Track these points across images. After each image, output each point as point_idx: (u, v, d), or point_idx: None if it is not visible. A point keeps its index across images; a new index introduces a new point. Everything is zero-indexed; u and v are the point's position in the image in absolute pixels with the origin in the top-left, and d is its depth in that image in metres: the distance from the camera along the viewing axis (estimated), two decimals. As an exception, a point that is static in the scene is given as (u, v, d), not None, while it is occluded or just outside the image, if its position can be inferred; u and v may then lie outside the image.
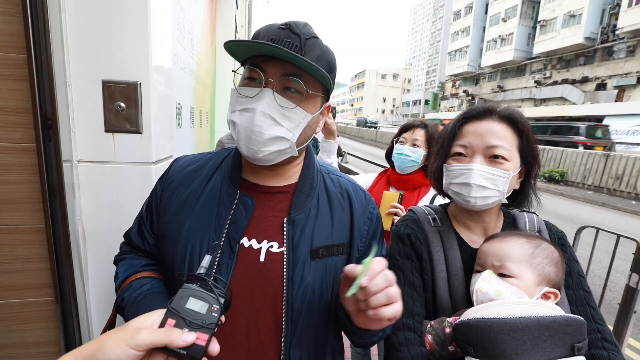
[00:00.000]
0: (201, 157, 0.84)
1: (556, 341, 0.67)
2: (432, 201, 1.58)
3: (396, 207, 1.57)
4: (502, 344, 0.66)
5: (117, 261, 0.83)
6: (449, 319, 0.79)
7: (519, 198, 0.92)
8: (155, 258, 0.82)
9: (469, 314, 0.74)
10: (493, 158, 0.82)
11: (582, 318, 0.70)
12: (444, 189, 0.92)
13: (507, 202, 0.88)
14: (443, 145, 0.91)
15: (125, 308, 0.71)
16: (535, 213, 0.97)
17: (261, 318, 0.71)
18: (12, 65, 0.99)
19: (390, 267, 0.87)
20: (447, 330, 0.77)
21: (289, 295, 0.70)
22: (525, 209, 0.96)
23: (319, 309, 0.74)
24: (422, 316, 0.85)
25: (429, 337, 0.79)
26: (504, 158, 0.81)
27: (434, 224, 0.92)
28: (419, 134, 1.67)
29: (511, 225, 0.94)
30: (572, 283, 0.86)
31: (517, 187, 0.88)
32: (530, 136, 0.84)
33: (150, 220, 0.81)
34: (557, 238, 0.92)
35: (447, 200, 1.01)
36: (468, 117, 0.88)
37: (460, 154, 0.86)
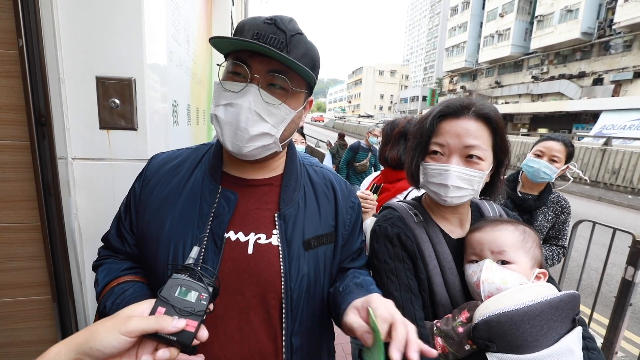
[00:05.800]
0: (180, 153, 0.82)
1: (563, 318, 0.71)
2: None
3: (363, 194, 1.46)
4: (524, 334, 0.68)
5: (95, 267, 0.80)
6: (459, 318, 0.77)
7: (489, 190, 0.95)
8: (136, 260, 0.80)
9: (484, 310, 0.72)
10: (469, 158, 0.84)
11: (577, 292, 0.74)
12: (421, 186, 0.93)
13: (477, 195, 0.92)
14: (420, 142, 0.90)
15: (109, 316, 0.70)
16: (488, 199, 1.00)
17: (253, 309, 0.71)
18: (4, 62, 0.98)
19: (381, 272, 0.87)
20: (460, 330, 0.75)
21: (288, 288, 0.71)
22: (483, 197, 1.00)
23: (314, 295, 0.76)
24: (424, 319, 0.83)
25: (439, 340, 0.77)
26: (479, 158, 0.83)
27: (417, 219, 0.92)
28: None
29: (477, 213, 1.00)
30: None
31: (487, 179, 0.91)
32: (503, 134, 0.88)
33: (129, 220, 0.78)
34: None
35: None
36: (445, 114, 0.87)
37: (437, 152, 0.87)
